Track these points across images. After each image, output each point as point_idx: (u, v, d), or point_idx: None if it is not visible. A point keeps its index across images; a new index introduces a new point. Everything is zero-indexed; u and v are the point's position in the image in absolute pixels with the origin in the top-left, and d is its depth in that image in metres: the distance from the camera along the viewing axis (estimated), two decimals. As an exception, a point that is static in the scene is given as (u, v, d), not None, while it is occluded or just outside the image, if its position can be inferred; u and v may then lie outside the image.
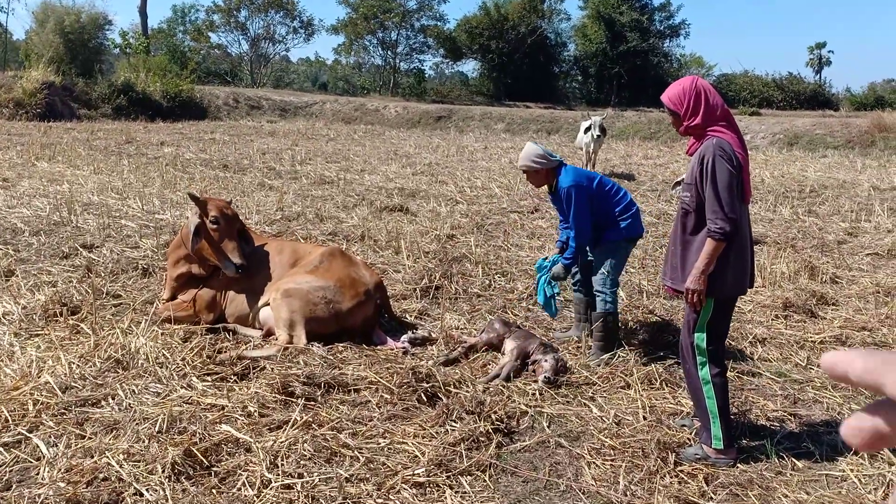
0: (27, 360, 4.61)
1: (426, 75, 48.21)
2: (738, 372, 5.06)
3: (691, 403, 4.24)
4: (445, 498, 3.41)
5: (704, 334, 3.83)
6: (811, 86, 41.06)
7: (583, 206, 5.28)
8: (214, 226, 5.45)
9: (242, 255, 5.44)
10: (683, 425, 4.22)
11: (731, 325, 4.42)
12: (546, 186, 5.57)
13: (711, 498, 3.52)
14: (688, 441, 4.04)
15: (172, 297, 5.72)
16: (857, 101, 38.41)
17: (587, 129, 15.64)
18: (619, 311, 5.60)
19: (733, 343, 5.56)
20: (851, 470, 3.80)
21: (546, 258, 5.71)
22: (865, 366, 0.53)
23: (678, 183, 12.61)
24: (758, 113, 31.23)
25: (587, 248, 5.59)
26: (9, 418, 3.90)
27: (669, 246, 4.05)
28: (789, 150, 22.96)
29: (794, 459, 3.91)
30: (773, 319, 6.30)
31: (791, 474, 3.78)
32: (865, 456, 3.92)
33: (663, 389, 4.74)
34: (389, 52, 46.69)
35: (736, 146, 3.73)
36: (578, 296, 5.81)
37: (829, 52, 53.41)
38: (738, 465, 3.83)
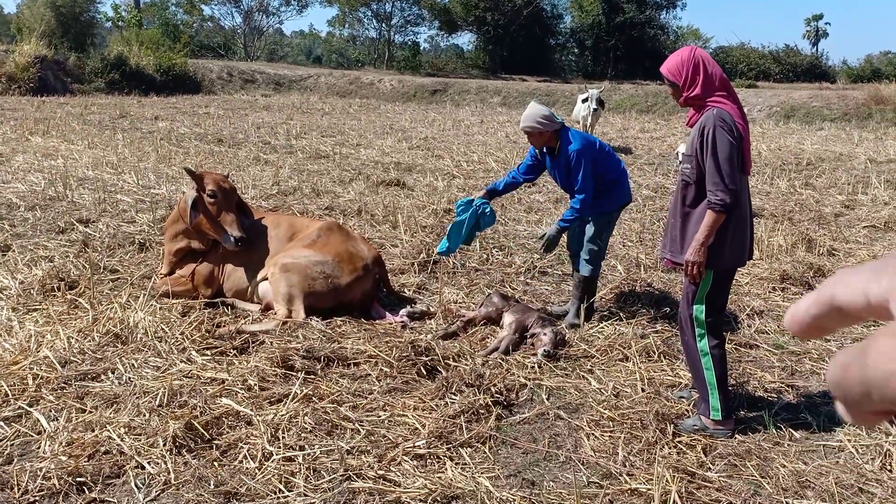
0: (26, 335, 4.60)
1: (421, 48, 47.88)
2: (735, 344, 5.08)
3: (689, 375, 4.26)
4: (446, 469, 3.43)
5: (703, 306, 3.83)
6: (808, 58, 40.87)
7: (590, 170, 5.29)
8: (212, 199, 5.43)
9: (241, 227, 5.42)
10: (682, 397, 4.24)
11: (729, 297, 4.42)
12: (542, 149, 5.51)
13: (710, 468, 3.55)
14: (686, 412, 4.07)
15: (171, 272, 5.71)
16: (853, 74, 38.30)
17: (584, 102, 15.54)
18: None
19: (731, 315, 5.57)
20: (849, 440, 3.83)
21: (471, 198, 5.49)
22: (810, 300, 0.54)
23: (678, 155, 12.58)
24: (754, 85, 31.10)
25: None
26: (9, 393, 3.90)
27: (669, 218, 4.04)
28: (786, 122, 22.89)
29: (791, 430, 3.94)
30: (770, 292, 6.32)
31: (789, 445, 3.80)
32: (863, 427, 3.94)
33: (661, 361, 4.75)
34: (384, 25, 46.28)
35: (736, 117, 3.70)
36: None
37: (825, 24, 53.29)
38: (737, 435, 3.86)
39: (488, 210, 5.45)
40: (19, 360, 4.23)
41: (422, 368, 4.43)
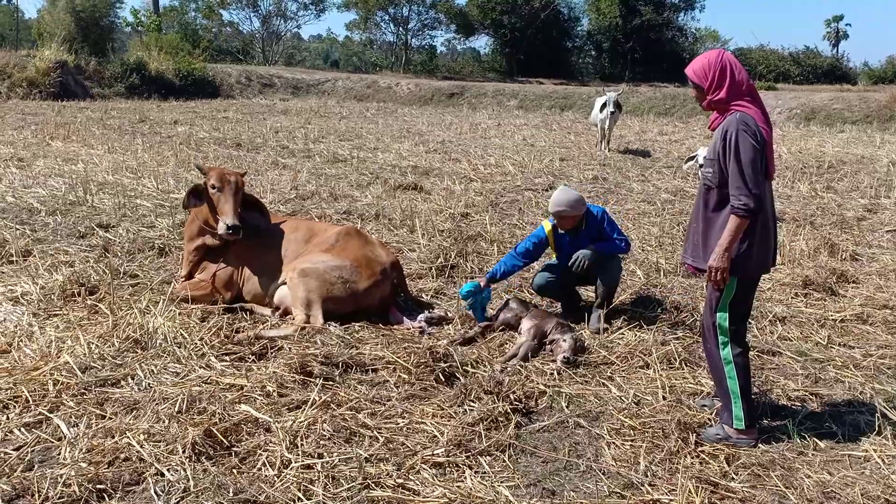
0: (46, 341, 4.62)
1: (438, 52, 47.92)
2: (758, 351, 5.01)
3: (711, 383, 4.21)
4: (465, 478, 3.40)
5: (727, 314, 3.77)
6: (828, 60, 40.53)
7: None
8: (213, 190, 5.53)
9: (237, 216, 5.44)
10: (704, 405, 4.18)
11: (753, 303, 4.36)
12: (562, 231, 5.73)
13: (733, 478, 3.49)
14: (708, 421, 4.01)
15: (189, 274, 5.73)
16: (875, 75, 37.92)
17: (602, 106, 15.48)
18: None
19: (753, 322, 5.50)
20: (875, 450, 3.75)
21: (475, 285, 5.55)
22: None
23: (691, 158, 12.52)
24: (774, 87, 30.84)
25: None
26: (29, 398, 3.91)
27: (691, 223, 3.99)
28: (806, 125, 22.70)
29: (816, 440, 3.87)
30: (792, 298, 6.24)
31: (813, 454, 3.74)
32: (889, 436, 3.88)
33: (683, 369, 4.70)
34: (401, 29, 46.36)
35: (760, 121, 3.65)
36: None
37: (846, 25, 53.03)
38: (760, 445, 3.80)
39: (486, 294, 5.62)
40: (40, 366, 4.25)
41: (440, 375, 4.40)
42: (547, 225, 5.69)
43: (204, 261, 5.72)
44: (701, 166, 11.16)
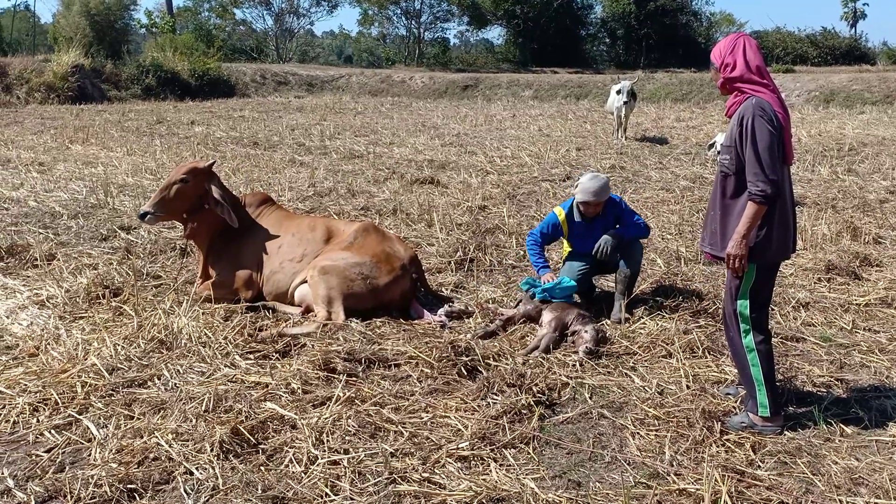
0: (73, 343, 4.68)
1: (451, 44, 47.80)
2: (781, 338, 4.98)
3: (735, 371, 4.19)
4: (490, 471, 3.41)
5: (747, 301, 3.76)
6: (846, 40, 39.91)
7: None
8: None
9: (152, 203, 5.66)
10: (728, 394, 4.17)
11: (774, 289, 4.33)
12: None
13: (759, 466, 3.48)
14: (733, 409, 4.00)
15: (205, 274, 5.79)
16: (894, 55, 37.32)
17: (618, 93, 15.40)
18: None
19: (776, 308, 5.47)
20: (902, 435, 3.73)
21: (538, 282, 5.58)
22: None
23: (712, 144, 12.42)
24: (792, 70, 30.49)
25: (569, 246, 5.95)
26: (58, 401, 3.97)
27: (709, 210, 3.97)
28: (826, 107, 22.43)
29: (842, 426, 3.85)
30: (815, 283, 6.19)
31: (840, 441, 3.72)
32: (916, 421, 3.85)
33: (706, 358, 4.68)
34: (413, 22, 46.29)
35: (776, 106, 3.63)
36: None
37: (863, 4, 52.11)
38: (786, 432, 3.78)
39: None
40: (68, 369, 4.31)
41: (462, 369, 4.42)
42: (560, 212, 5.72)
43: (215, 258, 5.76)
44: (718, 153, 11.11)
